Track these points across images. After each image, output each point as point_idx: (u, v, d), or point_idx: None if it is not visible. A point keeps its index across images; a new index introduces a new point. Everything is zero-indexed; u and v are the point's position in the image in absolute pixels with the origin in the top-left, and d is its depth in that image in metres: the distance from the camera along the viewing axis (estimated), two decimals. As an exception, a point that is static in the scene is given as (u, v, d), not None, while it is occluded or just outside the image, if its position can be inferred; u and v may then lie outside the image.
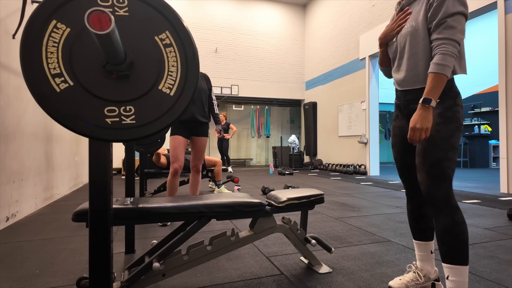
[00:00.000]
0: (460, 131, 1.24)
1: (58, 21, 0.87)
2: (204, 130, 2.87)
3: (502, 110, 4.35)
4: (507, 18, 4.32)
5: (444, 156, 1.20)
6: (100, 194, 0.96)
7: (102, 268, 0.97)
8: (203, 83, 2.87)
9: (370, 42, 7.23)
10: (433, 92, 1.16)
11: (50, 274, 1.64)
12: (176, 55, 0.97)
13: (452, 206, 1.19)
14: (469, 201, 3.70)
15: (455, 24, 1.16)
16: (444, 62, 1.14)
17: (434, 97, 1.16)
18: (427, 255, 1.40)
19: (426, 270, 1.40)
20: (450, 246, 1.18)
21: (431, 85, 1.16)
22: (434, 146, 1.21)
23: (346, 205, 3.52)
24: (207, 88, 2.92)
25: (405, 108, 1.37)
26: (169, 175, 2.72)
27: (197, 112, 2.78)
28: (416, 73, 1.28)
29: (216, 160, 4.53)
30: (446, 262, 1.19)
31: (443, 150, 1.21)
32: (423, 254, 1.41)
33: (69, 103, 0.88)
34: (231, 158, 9.94)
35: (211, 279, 1.56)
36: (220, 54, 9.51)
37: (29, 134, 3.17)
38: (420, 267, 1.41)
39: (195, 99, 2.78)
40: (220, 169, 4.52)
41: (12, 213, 2.74)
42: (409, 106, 1.34)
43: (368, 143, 7.30)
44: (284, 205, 1.56)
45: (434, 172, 1.21)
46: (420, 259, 1.42)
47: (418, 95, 1.26)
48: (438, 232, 1.21)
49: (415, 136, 1.18)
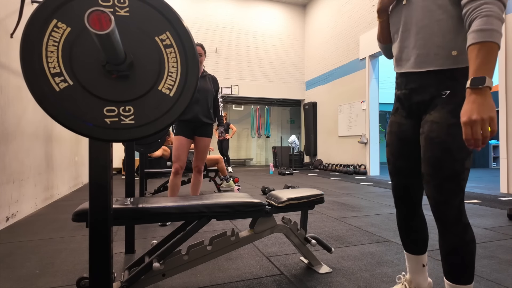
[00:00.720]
0: None
1: (58, 21, 0.87)
2: (207, 130, 2.87)
3: (502, 110, 4.35)
4: (507, 18, 4.32)
5: (461, 167, 0.96)
6: (100, 194, 0.96)
7: (102, 268, 0.97)
8: (209, 85, 2.88)
9: (370, 42, 7.23)
10: (484, 67, 0.83)
11: (50, 274, 1.64)
12: (176, 56, 0.97)
13: (463, 224, 1.00)
14: (469, 201, 3.70)
15: None
16: (490, 26, 0.83)
17: (487, 73, 0.83)
18: (419, 268, 1.22)
19: (416, 282, 1.23)
20: (455, 267, 1.01)
21: (478, 60, 0.84)
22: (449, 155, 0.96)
23: (346, 205, 3.52)
24: (213, 90, 2.92)
25: (406, 99, 1.10)
26: (171, 174, 2.74)
27: (201, 113, 2.78)
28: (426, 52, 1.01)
29: (217, 157, 4.54)
30: (449, 280, 1.03)
31: (459, 160, 0.95)
32: (414, 266, 1.23)
33: (69, 103, 0.88)
34: (231, 158, 9.94)
35: (211, 279, 1.56)
36: (220, 54, 9.51)
37: (29, 134, 3.17)
38: (410, 279, 1.25)
39: (200, 100, 2.78)
40: (223, 164, 4.55)
41: (12, 213, 2.74)
42: (412, 97, 1.07)
43: (368, 143, 7.30)
44: (284, 205, 1.56)
45: (447, 187, 0.98)
46: (410, 271, 1.25)
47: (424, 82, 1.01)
48: (443, 250, 1.03)
49: (474, 133, 0.83)
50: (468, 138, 0.84)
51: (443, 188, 0.99)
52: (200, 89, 2.77)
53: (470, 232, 1.01)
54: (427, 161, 1.01)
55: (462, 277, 1.01)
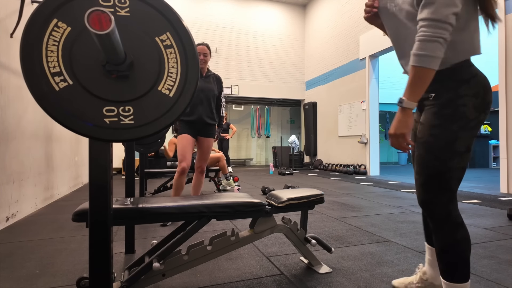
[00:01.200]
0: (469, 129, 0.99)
1: (59, 20, 0.88)
2: (210, 131, 2.85)
3: (502, 110, 4.35)
4: (507, 18, 4.32)
5: (445, 167, 1.00)
6: (100, 194, 0.96)
7: (102, 268, 0.97)
8: (213, 85, 2.84)
9: (370, 42, 7.23)
10: (409, 90, 0.94)
11: (50, 274, 1.64)
12: (177, 56, 0.97)
13: (453, 223, 1.03)
14: (469, 201, 3.69)
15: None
16: (421, 51, 0.90)
17: (409, 96, 0.94)
18: (435, 263, 1.26)
19: (431, 275, 1.29)
20: (449, 265, 1.04)
21: (408, 81, 0.94)
22: (432, 155, 1.01)
23: (346, 205, 3.52)
24: (217, 90, 2.88)
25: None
26: (176, 173, 2.68)
27: (204, 114, 2.76)
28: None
29: (218, 155, 4.52)
30: (444, 278, 1.07)
31: (442, 160, 1.00)
32: (431, 259, 1.28)
33: (68, 102, 0.88)
34: (231, 158, 9.94)
35: (211, 279, 1.56)
36: (220, 54, 9.51)
37: (29, 134, 3.17)
38: (425, 271, 1.31)
39: (204, 101, 2.75)
40: (225, 163, 4.53)
41: (12, 213, 2.74)
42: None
43: (368, 143, 7.30)
44: (284, 205, 1.56)
45: (432, 186, 1.03)
46: (428, 263, 1.30)
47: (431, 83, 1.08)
48: (437, 248, 1.07)
49: (393, 144, 1.00)
50: (393, 146, 1.00)
51: (428, 187, 1.04)
52: (204, 89, 2.74)
53: (462, 231, 1.03)
54: (415, 160, 1.09)
55: (455, 275, 1.04)
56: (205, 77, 2.81)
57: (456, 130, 0.98)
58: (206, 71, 2.84)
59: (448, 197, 1.02)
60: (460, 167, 1.01)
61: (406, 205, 3.48)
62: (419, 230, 2.43)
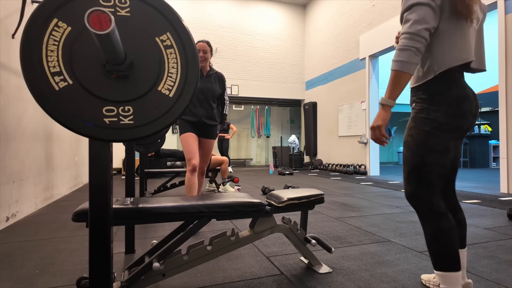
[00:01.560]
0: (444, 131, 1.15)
1: (59, 20, 0.87)
2: (211, 132, 2.81)
3: (502, 110, 4.35)
4: (507, 18, 4.32)
5: (421, 162, 1.16)
6: (100, 194, 0.96)
7: (102, 268, 0.97)
8: (214, 84, 2.76)
9: (370, 42, 7.23)
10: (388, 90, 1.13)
11: (50, 274, 1.64)
12: (177, 57, 0.97)
13: (437, 212, 1.15)
14: (469, 201, 3.70)
15: (410, 16, 1.10)
16: (397, 58, 1.10)
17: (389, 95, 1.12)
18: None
19: None
20: (438, 254, 1.15)
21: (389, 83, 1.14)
22: (410, 152, 1.19)
23: (346, 205, 3.52)
24: (219, 89, 2.80)
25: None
26: (187, 173, 2.59)
27: (205, 116, 2.70)
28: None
29: (223, 158, 4.54)
30: (436, 269, 1.17)
31: (418, 155, 1.17)
32: None
33: (68, 102, 0.88)
34: (231, 158, 9.94)
35: (211, 279, 1.56)
36: (220, 54, 9.51)
37: (29, 134, 3.17)
38: None
39: (204, 102, 2.69)
40: (227, 167, 4.55)
41: (12, 213, 2.74)
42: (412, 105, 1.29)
43: (368, 143, 7.30)
44: (284, 205, 1.56)
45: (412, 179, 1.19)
46: None
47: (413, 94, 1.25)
48: (426, 240, 1.19)
49: (371, 136, 1.17)
50: (372, 138, 1.17)
51: (410, 180, 1.21)
52: (204, 91, 2.67)
53: (446, 221, 1.15)
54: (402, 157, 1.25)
55: (446, 264, 1.13)
56: (206, 76, 2.73)
57: (429, 131, 1.16)
58: (207, 70, 2.75)
59: (429, 190, 1.17)
60: (440, 164, 1.16)
61: (406, 205, 3.48)
62: (419, 230, 2.43)
